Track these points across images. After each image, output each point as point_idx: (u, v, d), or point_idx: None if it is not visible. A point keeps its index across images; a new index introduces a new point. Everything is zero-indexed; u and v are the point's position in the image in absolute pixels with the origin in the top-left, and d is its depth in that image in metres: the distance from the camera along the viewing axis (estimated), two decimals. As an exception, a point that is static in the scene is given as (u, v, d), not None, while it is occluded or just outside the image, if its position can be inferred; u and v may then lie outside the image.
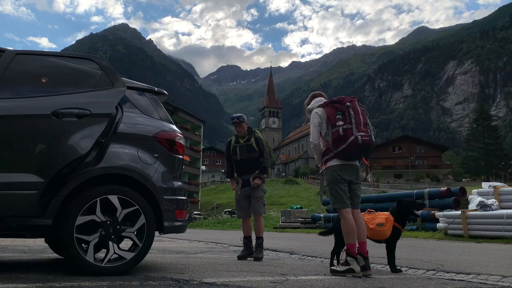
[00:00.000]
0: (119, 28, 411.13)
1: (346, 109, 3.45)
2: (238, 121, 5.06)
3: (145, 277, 2.84)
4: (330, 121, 3.48)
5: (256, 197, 5.01)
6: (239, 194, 5.09)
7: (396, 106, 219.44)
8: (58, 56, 3.37)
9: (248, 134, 5.09)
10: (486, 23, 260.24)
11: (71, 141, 2.88)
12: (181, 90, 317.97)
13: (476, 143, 75.47)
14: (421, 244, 7.50)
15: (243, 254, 4.92)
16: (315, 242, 8.05)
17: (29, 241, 6.55)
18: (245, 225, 5.16)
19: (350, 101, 3.50)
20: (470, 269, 3.78)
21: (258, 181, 4.97)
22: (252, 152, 5.00)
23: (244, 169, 5.02)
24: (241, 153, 5.00)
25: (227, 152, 5.25)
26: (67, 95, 3.06)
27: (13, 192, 2.70)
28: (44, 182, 2.75)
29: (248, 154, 4.99)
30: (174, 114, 49.26)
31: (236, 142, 5.12)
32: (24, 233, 3.10)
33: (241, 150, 5.01)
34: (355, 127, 3.38)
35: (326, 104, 3.59)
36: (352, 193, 3.53)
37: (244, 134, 5.08)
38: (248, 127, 5.18)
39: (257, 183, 4.96)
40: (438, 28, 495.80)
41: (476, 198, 9.24)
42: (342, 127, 3.38)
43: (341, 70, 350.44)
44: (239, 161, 5.02)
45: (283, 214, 19.54)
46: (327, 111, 3.52)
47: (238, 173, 5.10)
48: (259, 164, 5.03)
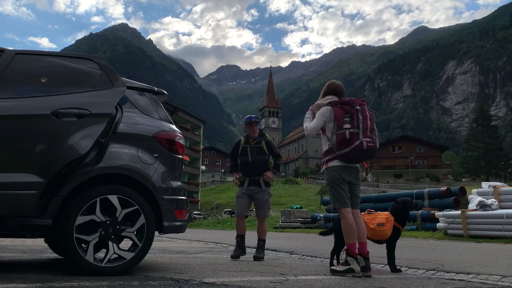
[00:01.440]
0: (119, 28, 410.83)
1: (355, 112, 3.40)
2: (256, 121, 5.07)
3: (145, 277, 2.84)
4: (337, 121, 3.42)
5: (262, 201, 4.96)
6: (244, 191, 5.01)
7: (396, 106, 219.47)
8: (57, 56, 3.37)
9: (259, 137, 5.06)
10: (486, 23, 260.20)
11: (70, 141, 2.88)
12: (181, 90, 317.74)
13: (476, 143, 75.51)
14: (421, 244, 7.51)
15: (237, 254, 4.84)
16: (315, 242, 8.05)
17: (28, 241, 6.54)
18: (239, 223, 5.06)
19: (360, 105, 3.45)
20: (470, 269, 3.78)
21: (271, 174, 4.96)
22: (262, 154, 4.98)
23: (253, 171, 4.98)
24: (252, 155, 4.96)
25: (234, 151, 5.19)
26: (67, 95, 3.06)
27: (13, 192, 2.70)
28: (44, 182, 2.74)
29: (258, 156, 4.96)
30: (174, 114, 49.26)
31: (246, 143, 5.07)
32: (24, 233, 3.11)
33: (252, 151, 4.97)
34: (362, 132, 3.35)
35: (336, 103, 3.52)
36: (352, 194, 3.52)
37: (255, 135, 5.05)
38: (260, 130, 5.17)
39: (270, 177, 4.94)
40: (438, 28, 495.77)
41: (476, 198, 9.24)
42: (349, 131, 3.35)
43: (341, 70, 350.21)
44: (250, 162, 4.97)
45: (283, 214, 19.56)
46: (336, 111, 3.46)
47: (246, 173, 5.04)
48: (267, 166, 5.00)
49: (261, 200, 4.96)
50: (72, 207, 2.81)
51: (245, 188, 5.00)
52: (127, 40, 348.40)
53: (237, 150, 5.14)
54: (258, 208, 5.01)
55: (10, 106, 2.86)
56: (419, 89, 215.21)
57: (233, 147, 5.25)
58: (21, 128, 2.84)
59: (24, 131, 2.84)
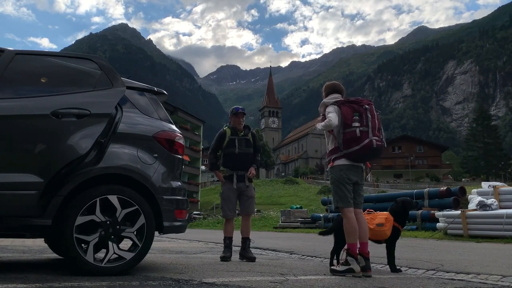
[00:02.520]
0: (119, 28, 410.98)
1: (364, 111, 3.40)
2: (243, 113, 4.88)
3: (145, 277, 2.84)
4: (345, 120, 3.40)
5: (250, 196, 4.81)
6: (234, 189, 4.73)
7: (396, 106, 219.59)
8: (57, 56, 3.37)
9: (245, 129, 4.91)
10: (486, 23, 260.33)
11: (70, 141, 2.88)
12: (180, 90, 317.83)
13: (476, 142, 75.49)
14: (421, 244, 7.51)
15: (227, 255, 4.59)
16: (315, 242, 8.05)
17: (28, 241, 6.54)
18: (230, 225, 4.84)
19: (368, 104, 3.46)
20: (470, 269, 3.78)
21: (254, 170, 4.81)
22: (249, 146, 4.84)
23: (241, 164, 4.75)
24: (240, 146, 4.75)
25: (218, 143, 4.87)
26: (67, 95, 3.06)
27: (13, 192, 2.70)
28: (44, 182, 2.74)
29: (246, 148, 4.80)
30: (173, 114, 49.26)
31: (233, 134, 4.82)
32: (23, 233, 3.11)
33: (240, 143, 4.77)
34: (371, 130, 3.35)
35: (343, 102, 3.50)
36: (356, 193, 3.52)
37: (241, 127, 4.88)
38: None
39: (253, 173, 4.78)
40: (438, 28, 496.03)
41: (476, 198, 9.25)
42: (359, 129, 3.35)
43: (341, 70, 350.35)
44: (237, 154, 4.73)
45: (283, 214, 19.55)
46: (344, 110, 3.44)
47: (233, 167, 4.76)
48: (253, 160, 4.86)
49: (249, 197, 4.80)
50: (72, 207, 2.81)
51: (235, 184, 4.72)
52: (126, 40, 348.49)
53: (222, 143, 4.84)
54: (246, 205, 4.81)
55: (10, 106, 2.86)
56: (419, 89, 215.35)
57: (217, 138, 4.89)
58: (21, 128, 2.84)
59: (24, 131, 2.84)
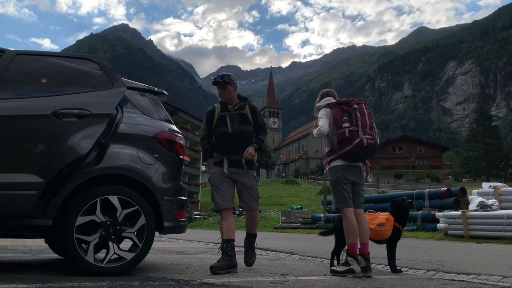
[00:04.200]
0: (119, 28, 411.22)
1: (353, 111, 3.44)
2: (221, 81, 3.65)
3: (145, 278, 2.84)
4: (336, 122, 3.46)
5: (249, 187, 3.66)
6: (223, 174, 3.61)
7: (396, 106, 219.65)
8: (58, 56, 3.38)
9: (240, 101, 3.75)
10: (486, 23, 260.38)
11: (71, 141, 2.88)
12: (181, 90, 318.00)
13: (477, 143, 75.55)
14: (422, 244, 7.50)
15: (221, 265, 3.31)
16: (315, 243, 8.04)
17: (29, 242, 6.54)
18: (226, 222, 3.56)
19: (357, 103, 3.49)
20: (470, 270, 3.77)
21: (252, 150, 3.58)
22: (246, 123, 3.68)
23: (234, 146, 3.61)
24: (232, 124, 3.63)
25: (208, 123, 3.76)
26: (67, 96, 3.06)
27: (13, 192, 2.70)
28: (44, 182, 2.74)
29: (241, 125, 3.65)
30: (174, 114, 49.26)
31: (224, 110, 3.70)
32: (24, 233, 3.11)
33: (232, 119, 3.64)
34: (361, 129, 3.37)
35: (333, 104, 3.57)
36: (356, 193, 3.53)
37: (232, 100, 3.71)
38: (239, 94, 3.80)
39: (252, 153, 3.56)
40: (438, 29, 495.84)
41: (476, 198, 9.24)
42: (348, 129, 3.38)
43: (341, 70, 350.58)
44: (229, 134, 3.61)
45: (283, 214, 19.53)
46: (334, 112, 3.51)
47: (224, 151, 3.65)
48: (252, 141, 3.69)
49: (248, 187, 3.65)
50: (72, 208, 2.81)
51: (226, 168, 3.61)
52: (127, 41, 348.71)
53: (212, 122, 3.74)
54: (245, 198, 3.68)
55: (11, 106, 2.86)
56: (419, 90, 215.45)
57: (206, 118, 3.79)
58: (22, 129, 2.84)
59: (25, 131, 2.85)
